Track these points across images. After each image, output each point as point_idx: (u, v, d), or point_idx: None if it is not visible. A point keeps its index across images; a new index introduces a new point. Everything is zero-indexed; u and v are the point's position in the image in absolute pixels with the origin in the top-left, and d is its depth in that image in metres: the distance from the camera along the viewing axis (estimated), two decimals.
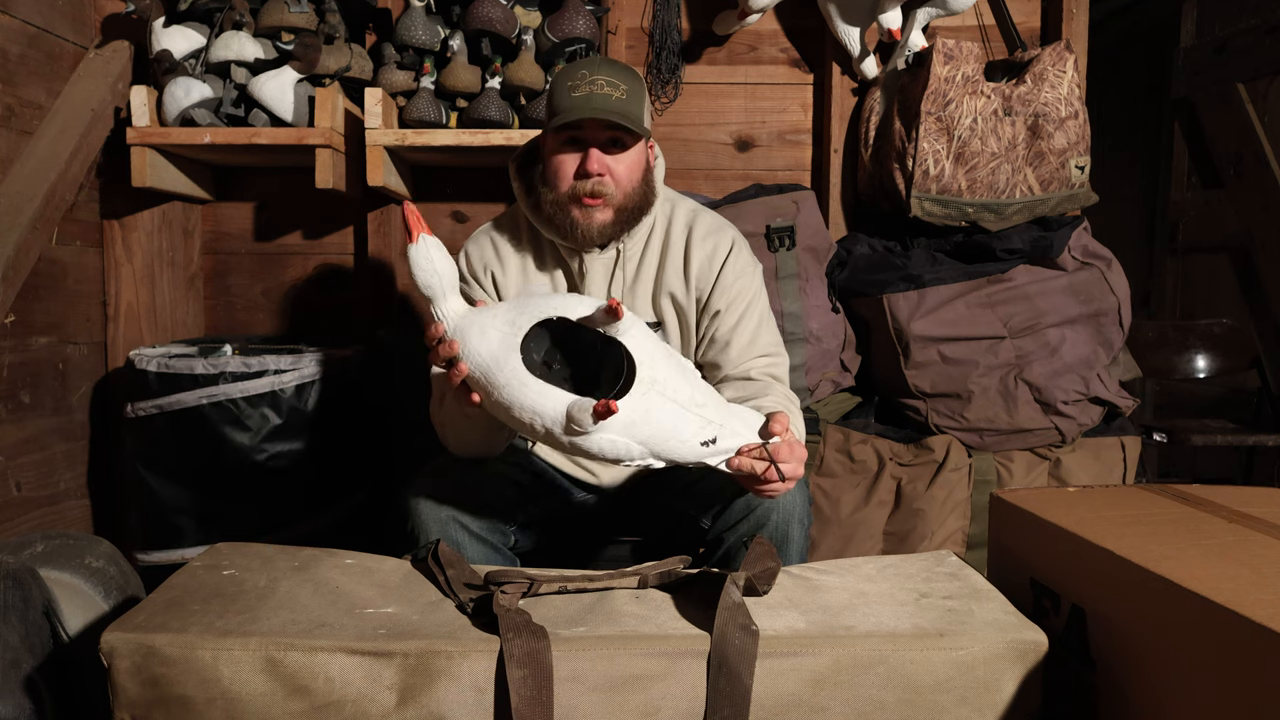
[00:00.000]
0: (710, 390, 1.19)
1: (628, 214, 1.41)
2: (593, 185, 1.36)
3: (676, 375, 1.14)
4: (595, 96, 1.33)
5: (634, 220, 1.43)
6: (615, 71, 1.37)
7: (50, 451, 2.06)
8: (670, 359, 1.16)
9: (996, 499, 1.28)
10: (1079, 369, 1.97)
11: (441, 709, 0.93)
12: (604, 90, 1.34)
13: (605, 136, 1.36)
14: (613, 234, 1.42)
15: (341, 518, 2.00)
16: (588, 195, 1.37)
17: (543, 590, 1.07)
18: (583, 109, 1.33)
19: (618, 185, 1.38)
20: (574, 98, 1.34)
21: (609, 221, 1.39)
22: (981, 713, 0.97)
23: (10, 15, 1.89)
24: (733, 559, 1.33)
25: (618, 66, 1.39)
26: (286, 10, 2.03)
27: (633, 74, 1.39)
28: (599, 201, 1.37)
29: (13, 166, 1.89)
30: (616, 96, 1.34)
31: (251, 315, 2.41)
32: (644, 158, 1.43)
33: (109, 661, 0.93)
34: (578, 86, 1.34)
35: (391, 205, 2.33)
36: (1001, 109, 2.08)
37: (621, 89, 1.35)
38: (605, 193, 1.37)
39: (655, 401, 1.11)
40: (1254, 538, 1.03)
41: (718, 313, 1.45)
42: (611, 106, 1.33)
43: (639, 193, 1.41)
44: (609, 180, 1.37)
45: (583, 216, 1.38)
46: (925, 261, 2.07)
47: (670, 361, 1.16)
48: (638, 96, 1.37)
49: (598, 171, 1.36)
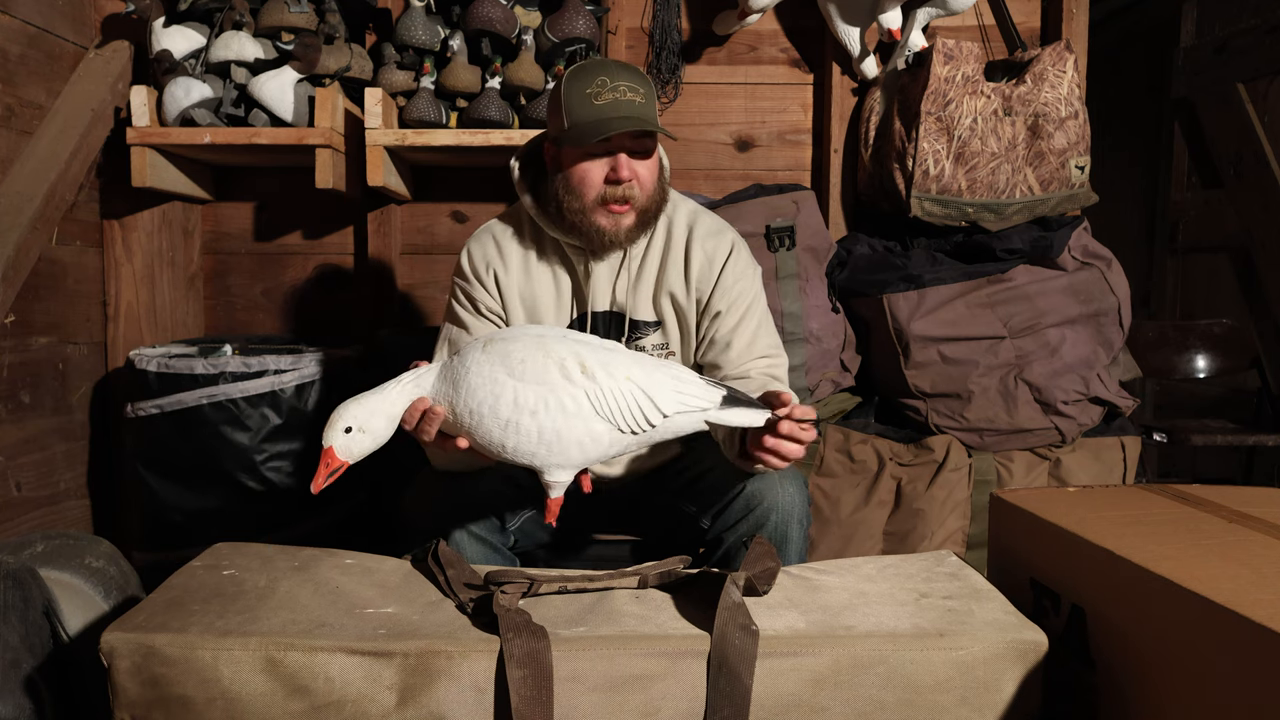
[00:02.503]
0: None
1: (649, 216, 1.42)
2: (623, 191, 1.36)
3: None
4: (622, 104, 1.33)
5: (652, 221, 1.44)
6: (633, 76, 1.37)
7: (50, 451, 2.06)
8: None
9: (996, 499, 1.28)
10: (1079, 369, 1.97)
11: (441, 709, 0.93)
12: (628, 97, 1.33)
13: (634, 143, 1.36)
14: (635, 237, 1.43)
15: (341, 518, 2.00)
16: (616, 201, 1.37)
17: (543, 590, 1.07)
18: (618, 122, 1.32)
19: (643, 189, 1.39)
20: (598, 106, 1.33)
21: (633, 225, 1.40)
22: (981, 713, 0.97)
23: (10, 15, 1.89)
24: (732, 559, 1.33)
25: (632, 70, 1.39)
26: (286, 10, 2.03)
27: (642, 76, 1.40)
28: (626, 207, 1.38)
29: (13, 166, 1.89)
30: (640, 102, 1.34)
31: (251, 315, 2.41)
32: (659, 158, 1.44)
33: (109, 661, 0.93)
34: (600, 94, 1.34)
35: (392, 205, 2.33)
36: (1001, 109, 2.08)
37: (641, 93, 1.35)
38: (633, 196, 1.38)
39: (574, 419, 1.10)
40: (1254, 538, 1.03)
41: (718, 314, 1.45)
42: (639, 114, 1.33)
43: (658, 194, 1.42)
44: (636, 185, 1.38)
45: (610, 224, 1.38)
46: (925, 261, 2.07)
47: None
48: (652, 98, 1.38)
49: (628, 178, 1.36)
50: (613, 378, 1.10)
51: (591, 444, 1.10)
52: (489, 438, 1.10)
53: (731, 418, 1.14)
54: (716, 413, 1.13)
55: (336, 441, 1.09)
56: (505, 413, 1.08)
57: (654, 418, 1.10)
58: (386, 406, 1.11)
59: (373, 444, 1.11)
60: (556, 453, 1.09)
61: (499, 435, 1.09)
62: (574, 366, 1.10)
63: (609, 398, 1.09)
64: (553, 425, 1.08)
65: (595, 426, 1.09)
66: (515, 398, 1.07)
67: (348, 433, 1.09)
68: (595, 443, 1.10)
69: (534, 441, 1.08)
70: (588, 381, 1.09)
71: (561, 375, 1.09)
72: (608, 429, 1.09)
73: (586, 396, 1.09)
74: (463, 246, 1.51)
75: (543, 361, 1.09)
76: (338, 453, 1.09)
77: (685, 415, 1.12)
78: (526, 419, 1.07)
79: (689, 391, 1.13)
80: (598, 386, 1.09)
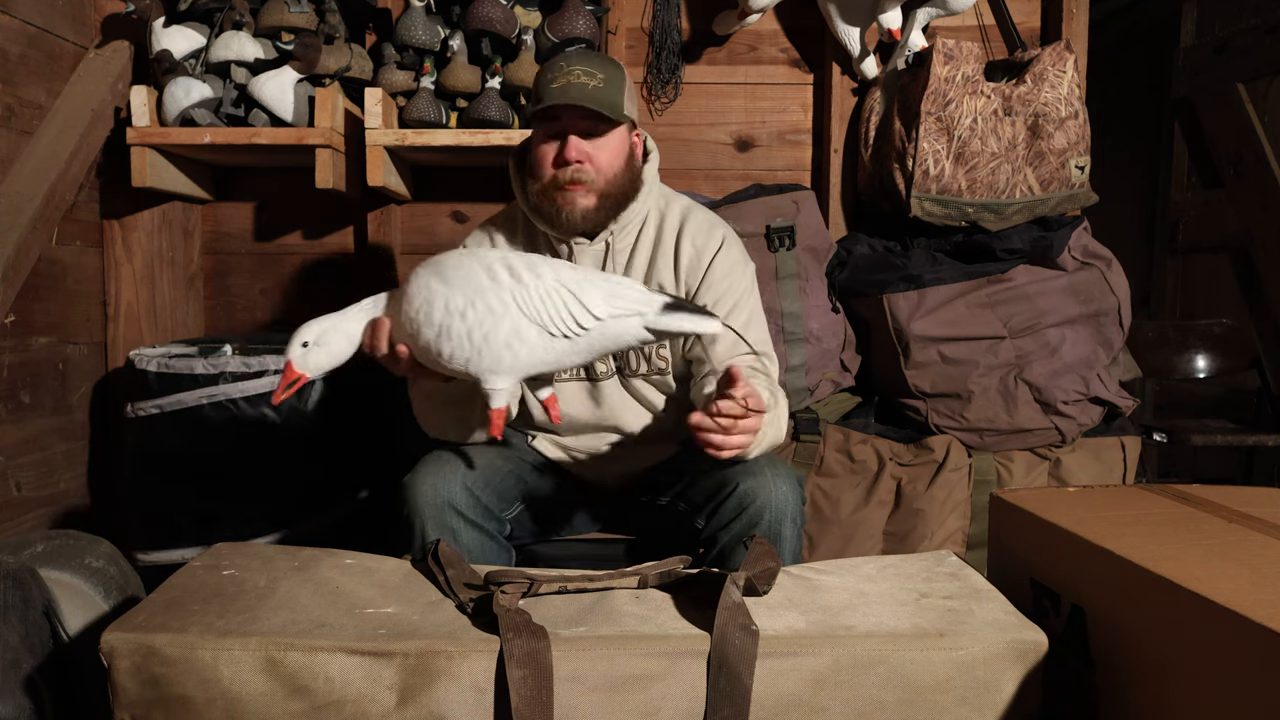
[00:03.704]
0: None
1: (612, 200, 1.43)
2: (572, 173, 1.39)
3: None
4: (572, 86, 1.36)
5: (619, 207, 1.44)
6: (592, 61, 1.39)
7: (50, 451, 2.06)
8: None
9: (996, 499, 1.28)
10: (1079, 369, 1.97)
11: (441, 709, 0.93)
12: (580, 80, 1.36)
13: (583, 125, 1.38)
14: (598, 220, 1.43)
15: (342, 518, 2.00)
16: (568, 182, 1.39)
17: (543, 590, 1.07)
18: (558, 97, 1.35)
19: (599, 171, 1.40)
20: (551, 90, 1.37)
21: (591, 207, 1.41)
22: (981, 713, 0.97)
23: (10, 15, 1.89)
24: (727, 558, 1.33)
25: (596, 57, 1.42)
26: (286, 10, 2.03)
27: (612, 63, 1.42)
28: (580, 188, 1.39)
29: (13, 166, 1.89)
30: (593, 85, 1.36)
31: (251, 315, 2.41)
32: (626, 145, 1.44)
33: (109, 661, 0.93)
34: (555, 78, 1.38)
35: (392, 205, 2.33)
36: (1001, 109, 2.08)
37: (599, 77, 1.37)
38: (585, 179, 1.39)
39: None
40: (1254, 538, 1.03)
41: (705, 306, 1.45)
42: (587, 94, 1.35)
43: (623, 179, 1.43)
44: (588, 167, 1.39)
45: (565, 202, 1.41)
46: (925, 261, 2.07)
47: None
48: (616, 84, 1.39)
49: (576, 159, 1.38)
50: (540, 279, 1.13)
51: (521, 346, 1.11)
52: (427, 345, 1.14)
53: (674, 323, 1.12)
54: (656, 317, 1.12)
55: (294, 354, 1.17)
56: (438, 317, 1.12)
57: (585, 320, 1.11)
58: (344, 324, 1.20)
59: (329, 360, 1.18)
60: (487, 356, 1.11)
61: (435, 341, 1.13)
62: (501, 270, 1.13)
63: (534, 298, 1.11)
64: (480, 327, 1.10)
65: (522, 327, 1.11)
66: (446, 303, 1.11)
67: (304, 347, 1.17)
68: (524, 344, 1.11)
69: (466, 346, 1.11)
70: (514, 283, 1.12)
71: (489, 278, 1.12)
72: (537, 331, 1.11)
73: (512, 297, 1.11)
74: (461, 244, 1.53)
75: (470, 266, 1.13)
76: (295, 365, 1.17)
77: (622, 320, 1.12)
78: (456, 322, 1.11)
79: (624, 295, 1.13)
80: (523, 287, 1.11)
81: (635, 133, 1.49)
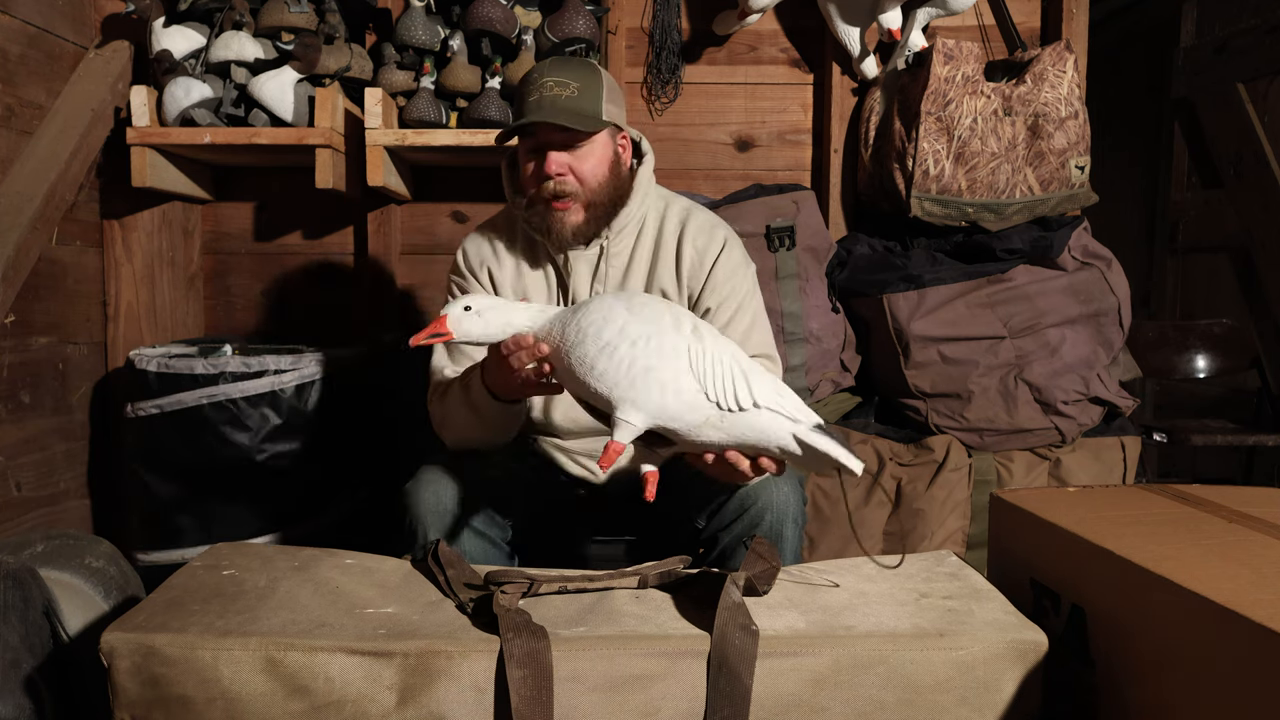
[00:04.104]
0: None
1: (601, 209, 1.42)
2: (554, 187, 1.38)
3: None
4: (545, 100, 1.35)
5: (609, 215, 1.43)
6: (564, 70, 1.37)
7: (50, 451, 2.06)
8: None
9: (996, 499, 1.28)
10: (1079, 369, 1.97)
11: (441, 709, 0.93)
12: (552, 91, 1.35)
13: (560, 137, 1.37)
14: (589, 231, 1.43)
15: (342, 518, 2.00)
16: (553, 198, 1.38)
17: (543, 590, 1.07)
18: (531, 113, 1.35)
19: (582, 182, 1.39)
20: (528, 104, 1.36)
21: (581, 221, 1.41)
22: (981, 713, 0.97)
23: (10, 15, 1.89)
24: (728, 558, 1.33)
25: (569, 64, 1.40)
26: (286, 10, 2.03)
27: (585, 68, 1.40)
28: (566, 204, 1.39)
29: (13, 166, 1.89)
30: (566, 95, 1.35)
31: (251, 315, 2.41)
32: (609, 150, 1.43)
33: (109, 661, 0.93)
34: (530, 92, 1.37)
35: (392, 205, 2.33)
36: (1001, 109, 2.08)
37: (572, 86, 1.36)
38: (569, 192, 1.38)
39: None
40: (1254, 538, 1.03)
41: (708, 310, 1.45)
42: (560, 106, 1.34)
43: (609, 185, 1.42)
44: (570, 179, 1.38)
45: (554, 220, 1.40)
46: (925, 261, 2.07)
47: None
48: (592, 90, 1.37)
49: (556, 172, 1.37)
50: (719, 347, 1.12)
51: (674, 395, 1.09)
52: (583, 356, 1.11)
53: (822, 444, 1.10)
54: (807, 432, 1.10)
55: (453, 312, 1.16)
56: (608, 336, 1.10)
57: (744, 400, 1.10)
58: (511, 311, 1.17)
59: (480, 332, 1.16)
60: (639, 388, 1.09)
61: (593, 354, 1.10)
62: (686, 322, 1.13)
63: (708, 359, 1.10)
64: (645, 360, 1.09)
65: (684, 379, 1.09)
66: (623, 327, 1.10)
67: (466, 310, 1.15)
68: (677, 394, 1.10)
69: (622, 370, 1.09)
70: (694, 339, 1.11)
71: (673, 323, 1.12)
72: (695, 389, 1.10)
73: (688, 350, 1.10)
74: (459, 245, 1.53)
75: (659, 307, 1.13)
76: (449, 322, 1.16)
77: (776, 418, 1.10)
78: (625, 346, 1.09)
79: (788, 398, 1.12)
80: (702, 346, 1.11)
81: (621, 135, 1.47)
